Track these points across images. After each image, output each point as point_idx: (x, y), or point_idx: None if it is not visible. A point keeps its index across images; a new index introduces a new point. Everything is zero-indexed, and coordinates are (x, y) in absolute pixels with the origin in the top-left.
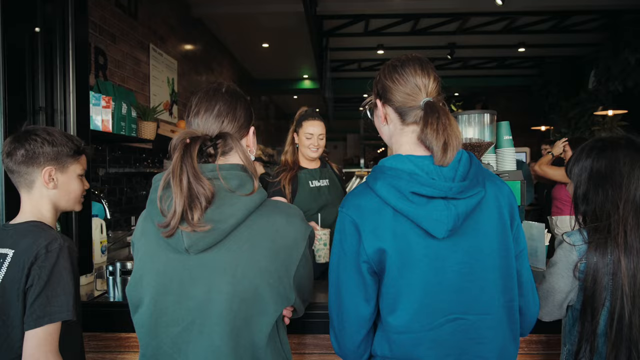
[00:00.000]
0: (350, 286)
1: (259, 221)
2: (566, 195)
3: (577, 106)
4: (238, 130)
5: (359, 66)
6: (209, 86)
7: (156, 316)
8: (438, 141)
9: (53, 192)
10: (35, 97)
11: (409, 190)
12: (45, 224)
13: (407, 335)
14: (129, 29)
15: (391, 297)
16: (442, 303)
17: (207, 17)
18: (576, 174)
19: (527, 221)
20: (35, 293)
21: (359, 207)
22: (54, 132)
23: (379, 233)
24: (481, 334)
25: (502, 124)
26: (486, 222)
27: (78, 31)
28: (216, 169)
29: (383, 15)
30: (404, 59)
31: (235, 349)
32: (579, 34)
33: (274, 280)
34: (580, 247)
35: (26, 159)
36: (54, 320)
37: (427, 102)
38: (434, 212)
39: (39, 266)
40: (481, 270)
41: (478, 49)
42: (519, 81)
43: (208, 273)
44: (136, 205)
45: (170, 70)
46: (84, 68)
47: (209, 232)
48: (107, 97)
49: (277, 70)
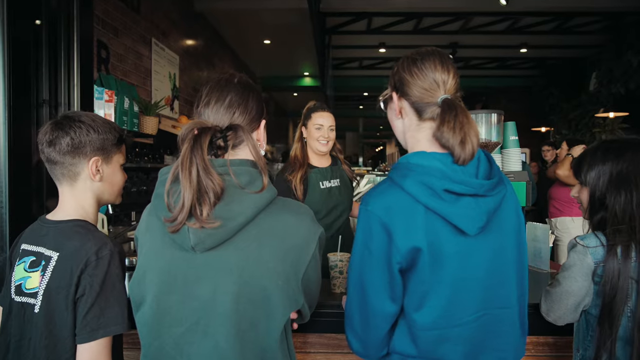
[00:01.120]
0: (377, 285)
1: (268, 220)
2: (566, 195)
3: (578, 108)
4: (249, 123)
5: (360, 64)
6: (221, 76)
7: (159, 315)
8: (455, 139)
9: (98, 184)
10: (40, 90)
11: (441, 188)
12: (90, 224)
13: (433, 332)
14: (131, 23)
15: (419, 294)
16: (469, 300)
17: (209, 12)
18: (593, 179)
19: (531, 222)
20: (88, 304)
21: (388, 206)
22: (96, 118)
23: (412, 232)
24: (500, 328)
25: (508, 124)
26: (507, 219)
27: (83, 25)
28: (227, 164)
29: (386, 14)
30: (425, 53)
31: (241, 351)
32: (581, 35)
33: (283, 281)
34: (595, 250)
35: (72, 149)
36: (109, 333)
37: (444, 100)
38: (466, 210)
39: (90, 274)
40: (502, 266)
41: (480, 49)
42: (520, 82)
43: (214, 272)
44: (137, 201)
45: (172, 65)
46: (88, 62)
47: (216, 230)
48: (110, 91)
49: (278, 67)
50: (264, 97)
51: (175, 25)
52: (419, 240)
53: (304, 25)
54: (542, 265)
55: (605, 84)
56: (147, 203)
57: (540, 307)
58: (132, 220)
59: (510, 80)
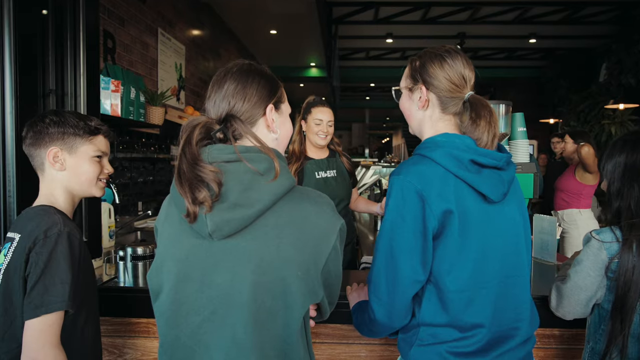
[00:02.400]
0: (409, 251)
1: (287, 208)
2: (575, 187)
3: (587, 99)
4: (251, 109)
5: (366, 55)
6: (223, 67)
7: (177, 305)
8: (489, 134)
9: (62, 174)
10: (46, 80)
11: (468, 159)
12: (53, 208)
13: (464, 294)
14: (137, 12)
15: (450, 258)
16: (492, 264)
17: (215, 2)
18: (609, 171)
19: (538, 214)
20: (32, 281)
21: (421, 174)
22: (64, 113)
23: (445, 196)
24: (517, 294)
25: (516, 115)
26: (516, 192)
27: (89, 14)
28: (235, 150)
29: (393, 3)
30: (451, 50)
31: (259, 343)
32: (591, 25)
33: (302, 272)
34: (610, 246)
35: (33, 141)
36: (51, 310)
37: (473, 96)
38: (490, 179)
39: (37, 252)
40: (516, 235)
41: (488, 39)
42: (529, 73)
43: (232, 260)
44: (143, 191)
45: (178, 56)
46: (94, 51)
47: (234, 216)
48: (116, 81)
49: (284, 57)
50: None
51: (182, 15)
52: (450, 204)
53: (311, 15)
54: (549, 257)
55: (615, 75)
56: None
57: (549, 301)
58: (139, 210)
59: (519, 71)
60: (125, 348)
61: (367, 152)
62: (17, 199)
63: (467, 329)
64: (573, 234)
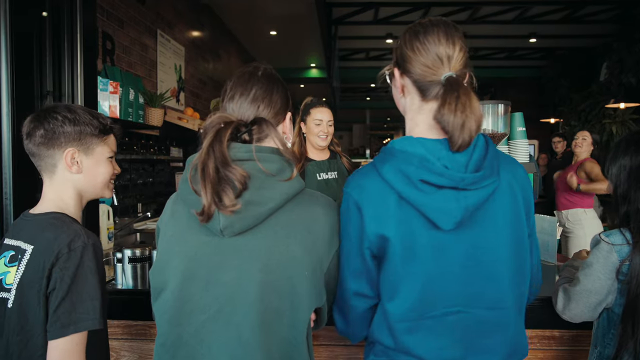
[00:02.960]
0: (351, 268)
1: (297, 209)
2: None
3: (588, 98)
4: (274, 116)
5: (366, 55)
6: (245, 69)
7: (181, 302)
8: (455, 122)
9: (77, 177)
10: (43, 81)
11: (418, 178)
12: (67, 216)
13: (404, 324)
14: (136, 14)
15: (391, 285)
16: (443, 294)
17: (215, 3)
18: (614, 174)
19: (538, 214)
20: (58, 298)
21: (362, 188)
22: (76, 109)
23: (382, 219)
24: (489, 329)
25: (515, 115)
26: (498, 213)
27: (86, 16)
28: (252, 150)
29: (393, 3)
30: (428, 24)
31: (265, 344)
32: (591, 24)
33: (310, 272)
34: (621, 248)
35: (46, 140)
36: (80, 329)
37: (448, 78)
38: (442, 203)
39: (61, 267)
40: (489, 263)
41: (488, 39)
42: (529, 72)
43: (240, 258)
44: (143, 192)
45: (178, 57)
46: (91, 53)
47: (246, 214)
48: (114, 83)
49: (284, 58)
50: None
51: (181, 16)
52: (388, 229)
53: (310, 15)
54: (549, 257)
55: (616, 74)
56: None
57: (554, 304)
58: (138, 212)
59: (519, 71)
60: (123, 351)
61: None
62: (13, 201)
63: (417, 358)
64: (578, 234)
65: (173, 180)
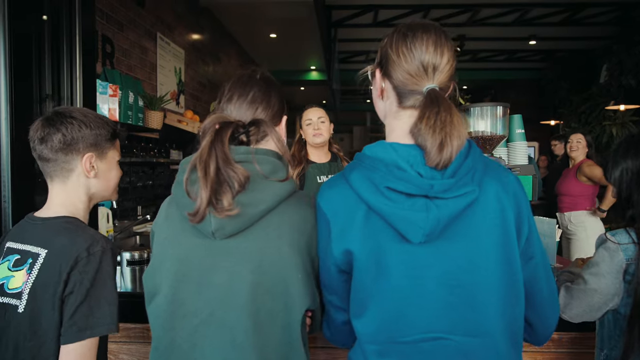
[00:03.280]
0: (325, 281)
1: (289, 211)
2: (578, 189)
3: (588, 101)
4: (272, 119)
5: (366, 58)
6: (243, 72)
7: (174, 306)
8: (434, 140)
9: (93, 181)
10: (42, 84)
11: (384, 185)
12: (80, 221)
13: (373, 346)
14: (136, 17)
15: (359, 301)
16: (418, 317)
17: (214, 6)
18: (617, 178)
19: (537, 217)
20: (76, 302)
21: (331, 200)
22: (88, 113)
23: (347, 232)
24: (471, 359)
25: (514, 117)
26: (482, 227)
27: (85, 19)
28: (250, 151)
29: (392, 6)
30: (418, 28)
31: (260, 346)
32: (591, 27)
33: (302, 274)
34: (627, 247)
35: (64, 145)
36: (96, 333)
37: (430, 91)
38: (410, 213)
39: (80, 271)
40: (472, 285)
41: (488, 41)
42: (529, 75)
43: (232, 260)
44: (142, 195)
45: (178, 60)
46: (90, 56)
47: (237, 216)
48: (114, 86)
49: (284, 61)
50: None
51: (181, 19)
52: (352, 243)
53: (310, 18)
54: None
55: (616, 76)
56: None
57: None
58: (138, 214)
59: (519, 73)
60: (121, 354)
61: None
62: (12, 204)
63: None
64: (581, 236)
65: (173, 183)
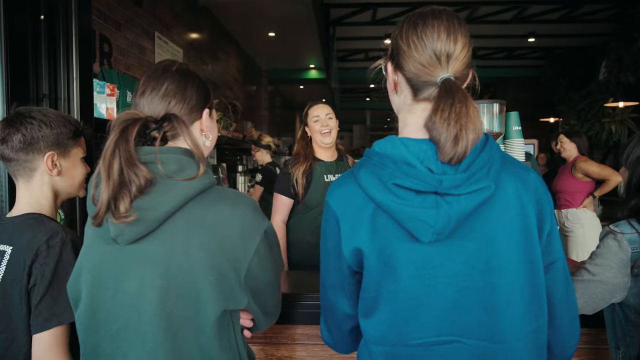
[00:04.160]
0: (333, 283)
1: (199, 210)
2: (574, 186)
3: (587, 98)
4: (189, 113)
5: (365, 56)
6: (160, 64)
7: (92, 312)
8: (448, 134)
9: (56, 179)
10: (39, 84)
11: (391, 182)
12: (44, 216)
13: (382, 348)
14: (134, 16)
15: (368, 302)
16: (429, 319)
17: (213, 5)
18: (633, 162)
19: None
20: (39, 294)
21: (340, 198)
22: (49, 112)
23: (357, 230)
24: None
25: (511, 114)
26: (499, 226)
27: (82, 18)
28: (154, 151)
29: (391, 4)
30: (428, 15)
31: (173, 352)
32: (589, 23)
33: (215, 276)
34: (631, 237)
35: (24, 145)
36: (63, 322)
37: (444, 80)
38: (420, 210)
39: (41, 263)
40: (487, 287)
41: (487, 39)
42: (528, 72)
43: (140, 266)
44: None
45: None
46: (87, 56)
47: (136, 221)
48: (111, 85)
49: (283, 59)
50: (269, 91)
51: (179, 18)
52: (361, 242)
53: (308, 16)
54: None
55: (615, 73)
56: None
57: None
58: None
59: (518, 71)
60: None
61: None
62: (9, 203)
63: None
64: (577, 233)
65: None
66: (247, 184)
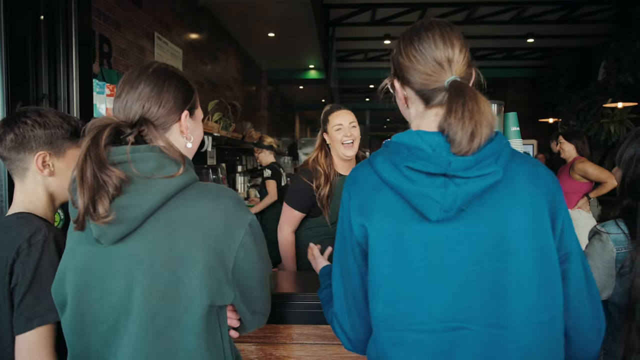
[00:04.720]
0: (350, 269)
1: (181, 206)
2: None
3: (586, 98)
4: (166, 115)
5: (365, 56)
6: (137, 66)
7: (79, 315)
8: (464, 132)
9: (50, 179)
10: (39, 84)
11: (403, 164)
12: (32, 215)
13: (387, 333)
14: (133, 16)
15: (375, 283)
16: (437, 303)
17: (212, 5)
18: (626, 161)
19: None
20: (21, 293)
21: (355, 181)
22: (47, 113)
23: (366, 209)
24: (496, 353)
25: (509, 114)
26: (509, 213)
27: (81, 19)
28: (126, 151)
29: (390, 5)
30: (420, 29)
31: (155, 351)
32: (588, 24)
33: (200, 271)
34: (616, 237)
35: (16, 144)
36: (46, 321)
37: (452, 82)
38: (429, 189)
39: (22, 262)
40: (495, 272)
41: (486, 39)
42: (527, 73)
43: (126, 265)
44: None
45: (175, 59)
46: (87, 56)
47: (117, 221)
48: (111, 86)
49: (283, 60)
50: (269, 91)
51: (179, 19)
52: (369, 219)
53: (308, 17)
54: None
55: (614, 73)
56: None
57: None
58: None
59: (517, 71)
60: None
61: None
62: (9, 203)
63: None
64: None
65: None
66: (247, 184)
